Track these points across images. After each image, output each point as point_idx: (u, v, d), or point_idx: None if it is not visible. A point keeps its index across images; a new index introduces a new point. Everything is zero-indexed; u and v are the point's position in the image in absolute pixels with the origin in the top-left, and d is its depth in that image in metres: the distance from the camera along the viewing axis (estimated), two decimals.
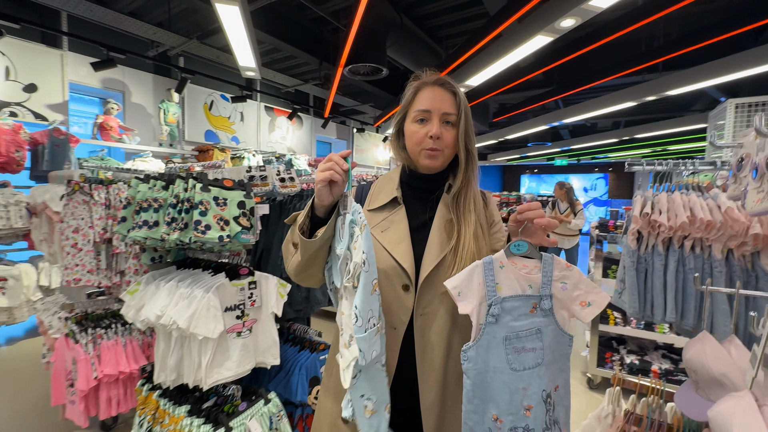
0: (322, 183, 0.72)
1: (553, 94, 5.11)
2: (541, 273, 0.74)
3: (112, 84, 4.62)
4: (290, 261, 0.84)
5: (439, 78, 0.85)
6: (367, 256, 0.68)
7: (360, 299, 0.67)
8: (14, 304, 3.33)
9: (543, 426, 0.71)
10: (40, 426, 2.18)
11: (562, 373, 0.75)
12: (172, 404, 1.59)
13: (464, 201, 0.84)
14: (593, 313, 0.73)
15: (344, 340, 0.73)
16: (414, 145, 0.85)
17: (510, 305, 0.74)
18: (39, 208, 2.27)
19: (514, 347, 0.72)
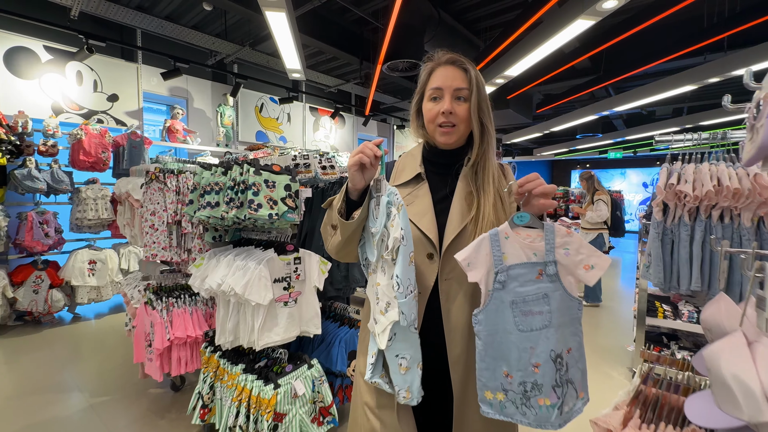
0: (355, 167, 0.80)
1: (600, 81, 4.86)
2: (544, 241, 0.78)
3: (177, 92, 5.17)
4: (330, 241, 0.92)
5: (450, 57, 0.90)
6: (404, 232, 0.76)
7: (400, 269, 0.76)
8: (101, 284, 3.89)
9: (553, 383, 0.75)
10: (122, 383, 2.57)
11: (574, 336, 0.79)
12: (230, 364, 1.83)
13: (483, 173, 0.89)
14: (596, 275, 0.77)
15: (380, 307, 0.81)
16: (429, 122, 0.91)
17: (516, 272, 0.79)
18: (123, 197, 2.66)
19: (521, 310, 0.78)
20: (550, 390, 0.75)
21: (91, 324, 3.80)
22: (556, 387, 0.76)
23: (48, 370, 2.76)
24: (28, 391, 2.47)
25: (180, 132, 4.85)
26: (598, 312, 4.31)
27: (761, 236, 0.96)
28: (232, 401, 1.67)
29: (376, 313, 0.83)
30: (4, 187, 3.56)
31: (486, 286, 0.80)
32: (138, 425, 2.12)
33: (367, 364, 0.85)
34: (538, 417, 0.76)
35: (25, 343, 3.26)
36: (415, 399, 0.81)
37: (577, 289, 0.80)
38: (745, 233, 0.96)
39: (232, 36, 4.87)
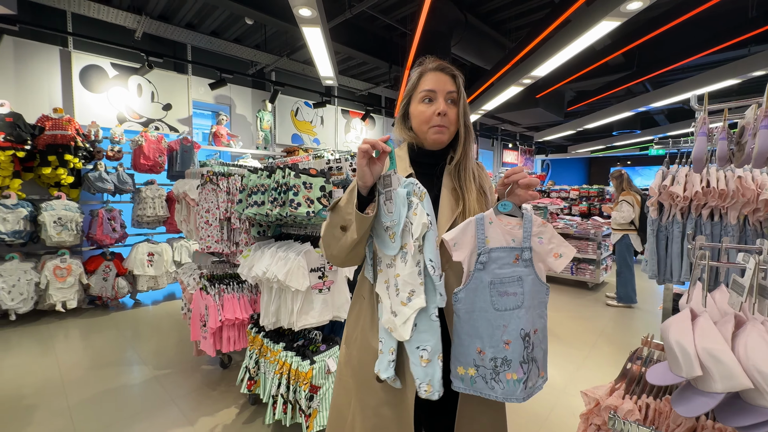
0: (363, 162, 0.81)
1: (634, 77, 4.73)
2: (522, 229, 0.86)
3: (221, 99, 5.62)
4: (337, 245, 0.89)
5: (440, 63, 0.96)
6: (431, 218, 0.80)
7: (433, 254, 0.80)
8: (158, 274, 4.37)
9: (520, 359, 0.82)
10: (178, 359, 2.93)
11: (540, 319, 0.87)
12: (272, 342, 2.09)
13: (464, 171, 0.97)
14: (563, 263, 0.86)
15: (401, 298, 0.82)
16: (422, 123, 0.94)
17: (496, 255, 0.86)
18: (180, 197, 3.03)
19: (498, 291, 0.85)
20: (517, 365, 0.82)
21: (149, 309, 4.28)
22: (522, 363, 0.82)
23: (117, 347, 3.20)
24: (102, 364, 2.89)
25: (224, 136, 5.28)
26: (631, 313, 4.25)
27: (745, 233, 1.04)
28: (275, 374, 1.93)
29: (396, 305, 0.84)
30: (78, 188, 4.10)
31: (468, 266, 0.87)
32: (194, 395, 2.45)
33: (386, 362, 0.86)
34: (505, 390, 0.83)
35: (97, 324, 3.76)
36: (436, 392, 0.81)
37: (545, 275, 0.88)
38: (730, 230, 1.04)
39: (270, 47, 5.23)
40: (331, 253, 0.93)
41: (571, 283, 5.52)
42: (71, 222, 3.79)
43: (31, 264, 3.69)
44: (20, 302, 3.54)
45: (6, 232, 3.45)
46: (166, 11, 4.46)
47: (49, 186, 3.92)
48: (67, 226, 3.76)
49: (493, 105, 5.40)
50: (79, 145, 3.80)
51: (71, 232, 3.79)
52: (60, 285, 3.74)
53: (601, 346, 3.32)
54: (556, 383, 2.64)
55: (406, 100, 1.00)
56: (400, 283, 0.83)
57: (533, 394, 0.85)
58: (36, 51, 4.04)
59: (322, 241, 0.95)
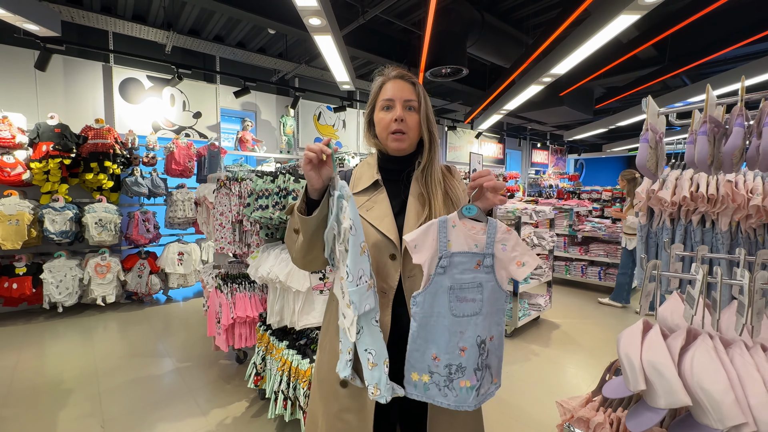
0: (307, 166, 0.82)
1: (666, 71, 4.44)
2: (486, 234, 0.84)
3: (247, 106, 5.88)
4: (294, 248, 0.92)
5: (399, 72, 0.99)
6: (353, 222, 0.77)
7: (351, 259, 0.77)
8: (187, 272, 4.64)
9: (475, 366, 0.81)
10: (199, 353, 3.11)
11: (497, 326, 0.85)
12: (277, 340, 2.17)
13: (430, 175, 0.98)
14: (526, 272, 0.84)
15: (346, 301, 0.81)
16: (382, 130, 0.97)
17: (458, 260, 0.84)
18: (201, 200, 3.23)
19: (457, 296, 0.83)
20: (471, 373, 0.81)
21: (180, 305, 4.55)
22: (477, 370, 0.81)
23: (147, 339, 3.45)
24: (133, 354, 3.12)
25: (249, 142, 5.52)
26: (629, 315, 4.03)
27: (737, 240, 0.97)
28: (278, 370, 2.01)
29: (343, 308, 0.84)
30: (118, 192, 4.45)
31: (428, 270, 0.85)
32: (210, 387, 2.59)
33: (344, 361, 0.85)
34: (458, 398, 0.82)
35: (132, 317, 4.06)
36: (383, 396, 0.81)
37: (507, 283, 0.87)
38: (719, 238, 0.97)
39: (292, 55, 5.41)
40: (292, 256, 0.95)
41: (600, 289, 5.26)
42: (110, 223, 4.12)
43: (76, 261, 4.05)
44: (66, 296, 3.90)
45: (55, 232, 3.82)
46: (196, 26, 4.74)
47: (92, 190, 4.29)
48: (107, 227, 4.10)
49: (514, 104, 5.26)
50: (118, 153, 4.13)
51: (110, 232, 4.12)
52: (100, 281, 4.08)
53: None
54: (574, 391, 2.55)
55: (370, 108, 1.02)
56: (344, 286, 0.83)
57: (484, 401, 0.85)
58: (81, 67, 4.44)
59: (285, 241, 0.97)
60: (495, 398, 2.46)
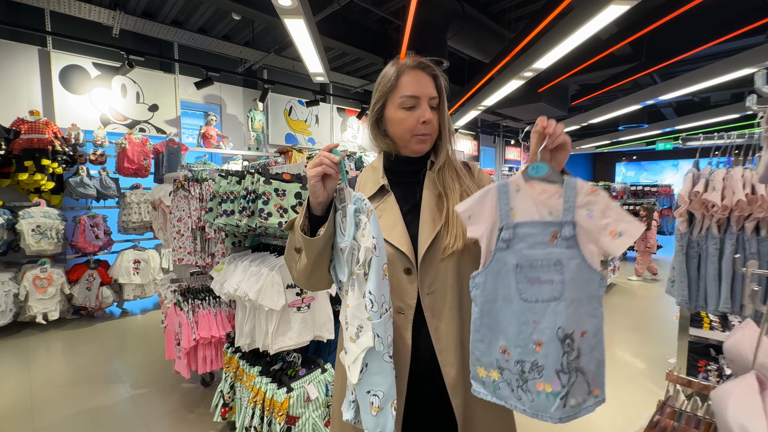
0: (315, 179, 0.72)
1: (643, 68, 4.48)
2: (562, 198, 0.66)
3: (211, 99, 5.43)
4: (296, 267, 0.82)
5: (421, 61, 0.84)
6: (376, 241, 0.67)
7: (374, 284, 0.67)
8: (145, 282, 4.19)
9: (557, 367, 0.64)
10: (159, 376, 2.75)
11: (591, 318, 0.66)
12: (248, 365, 1.89)
13: (448, 174, 0.86)
14: (624, 244, 0.63)
15: (350, 333, 0.71)
16: (405, 131, 0.84)
17: (524, 231, 0.68)
18: (156, 203, 2.84)
19: (526, 276, 0.67)
20: (552, 375, 0.64)
21: (137, 319, 4.10)
22: (561, 373, 0.64)
23: (97, 362, 3.02)
24: (79, 381, 2.71)
25: (214, 138, 5.09)
26: (643, 317, 4.02)
27: None
28: (248, 402, 1.73)
29: (346, 341, 0.73)
30: (60, 194, 3.93)
31: (488, 245, 0.70)
32: (170, 418, 2.26)
33: (347, 402, 0.75)
34: (534, 404, 0.66)
35: (80, 336, 3.59)
36: None
37: (599, 260, 0.66)
38: None
39: (260, 44, 5.03)
40: (294, 276, 0.85)
41: None
42: (51, 230, 3.61)
43: (9, 274, 3.53)
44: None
45: None
46: (150, 7, 4.26)
47: (29, 192, 3.75)
48: (47, 234, 3.59)
49: (493, 100, 5.17)
50: (58, 149, 3.62)
51: (51, 240, 3.62)
52: (40, 296, 3.57)
53: (612, 354, 3.10)
54: None
55: (381, 102, 0.85)
56: (349, 315, 0.72)
57: (578, 416, 0.65)
58: (12, 51, 3.86)
59: (285, 260, 0.87)
60: None
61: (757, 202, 0.85)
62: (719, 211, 0.89)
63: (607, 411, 2.31)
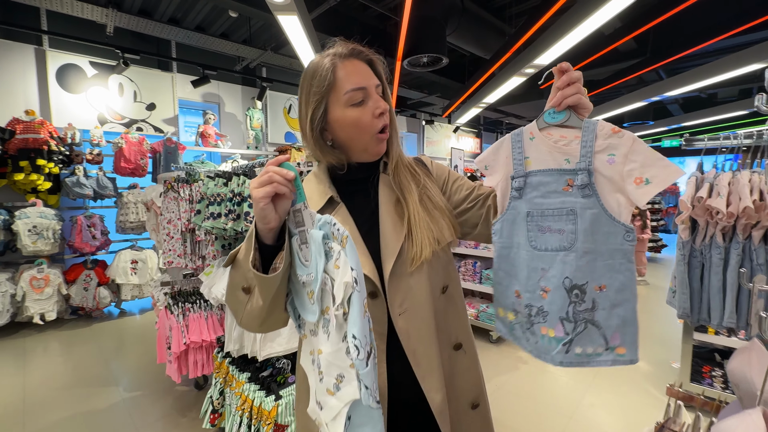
0: (264, 201, 0.57)
1: (647, 63, 4.37)
2: (580, 144, 0.61)
3: (209, 97, 5.39)
4: (245, 312, 0.66)
5: (353, 48, 0.72)
6: (356, 273, 0.57)
7: (357, 326, 0.56)
8: (143, 282, 4.17)
9: (561, 315, 0.64)
10: (152, 378, 2.72)
11: (613, 272, 0.61)
12: (238, 371, 1.85)
13: (403, 174, 0.77)
14: (650, 192, 0.57)
15: (326, 385, 0.59)
16: (362, 132, 0.72)
17: (537, 180, 0.66)
18: (149, 204, 2.81)
19: (537, 225, 0.66)
20: (556, 321, 0.64)
21: (136, 319, 4.09)
22: (565, 321, 0.64)
23: (93, 363, 3.01)
24: (73, 383, 2.69)
25: (212, 136, 5.05)
26: (648, 317, 3.94)
27: None
28: (236, 410, 1.69)
29: (322, 394, 0.60)
30: (57, 194, 3.91)
31: (503, 194, 0.71)
32: (162, 422, 2.23)
33: None
34: (537, 346, 0.68)
35: (77, 336, 3.58)
36: None
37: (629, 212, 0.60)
38: None
39: (257, 41, 4.97)
40: (240, 321, 0.68)
41: None
42: (47, 230, 3.60)
43: (6, 275, 3.52)
44: None
45: None
46: (147, 5, 4.22)
47: (26, 192, 3.74)
48: (43, 235, 3.58)
49: (494, 97, 5.07)
50: (53, 149, 3.60)
51: (48, 240, 3.60)
52: (37, 296, 3.56)
53: None
54: (566, 403, 2.37)
55: (321, 106, 0.71)
56: (323, 362, 0.59)
57: (585, 365, 0.64)
58: (8, 50, 3.84)
59: (226, 303, 0.71)
60: None
61: (766, 209, 0.79)
62: (724, 219, 0.83)
63: (608, 416, 2.25)
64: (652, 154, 0.57)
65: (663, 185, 0.56)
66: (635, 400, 2.43)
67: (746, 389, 0.63)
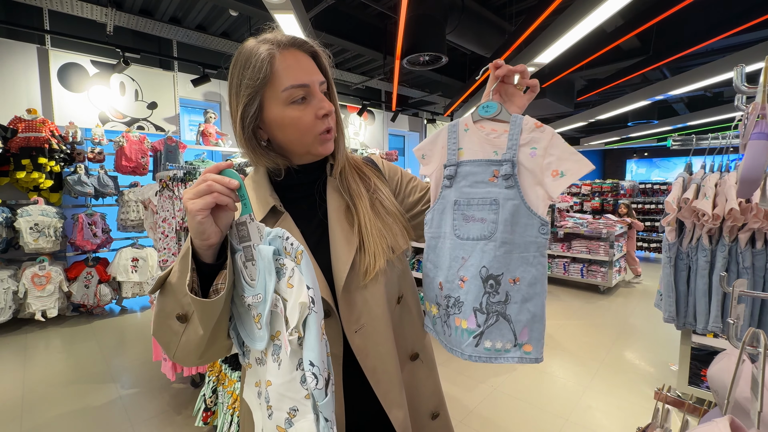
0: (203, 213, 0.50)
1: (651, 62, 4.32)
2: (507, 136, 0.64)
3: (211, 96, 5.41)
4: (180, 344, 0.57)
5: (295, 38, 0.64)
6: (313, 293, 0.51)
7: (315, 352, 0.49)
8: (143, 280, 4.20)
9: (475, 305, 0.63)
10: (150, 376, 2.75)
11: (526, 266, 0.62)
12: (230, 369, 1.85)
13: (351, 177, 0.72)
14: (563, 184, 0.59)
15: (277, 421, 0.52)
16: (303, 133, 0.65)
17: (466, 170, 0.67)
18: (146, 203, 2.83)
19: (462, 214, 0.67)
20: (470, 312, 0.64)
21: (136, 316, 4.12)
22: (478, 312, 0.64)
23: (92, 360, 3.03)
24: (72, 379, 2.72)
25: (213, 135, 5.07)
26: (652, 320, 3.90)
27: None
28: (227, 408, 1.70)
29: (270, 430, 0.54)
30: (59, 192, 3.95)
31: (436, 183, 0.72)
32: (157, 420, 2.24)
33: None
34: (450, 339, 0.68)
35: (78, 333, 3.61)
36: None
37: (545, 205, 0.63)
38: None
39: None
40: (174, 355, 0.58)
41: (581, 286, 5.16)
42: (49, 228, 3.63)
43: (9, 272, 3.56)
44: None
45: None
46: (147, 5, 4.24)
47: (28, 190, 3.78)
48: (45, 232, 3.61)
49: None
50: (55, 148, 3.63)
51: (49, 238, 3.64)
52: (39, 293, 3.60)
53: (613, 359, 3.00)
54: (563, 405, 2.35)
55: (255, 103, 0.62)
56: (272, 395, 0.52)
57: (494, 361, 0.63)
58: (11, 49, 3.87)
59: (154, 336, 0.60)
60: (480, 420, 2.23)
61: (752, 212, 0.77)
62: (710, 221, 0.81)
63: (605, 418, 2.23)
64: (567, 148, 0.60)
65: (575, 177, 0.59)
66: (633, 403, 2.41)
67: (724, 396, 0.62)
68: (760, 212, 0.76)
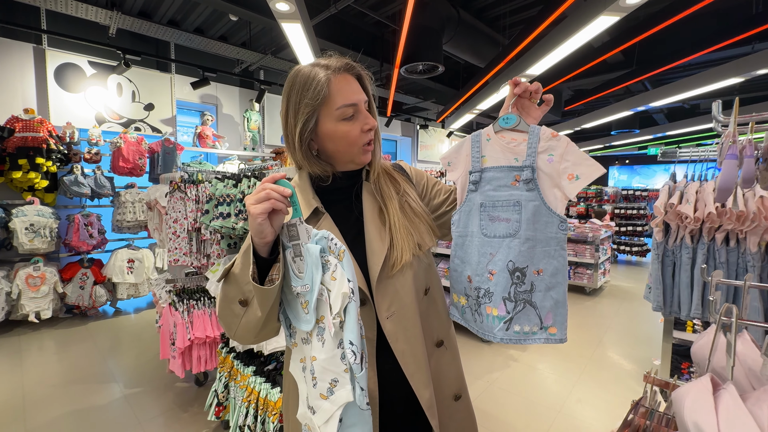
0: (262, 216, 0.60)
1: (634, 75, 4.57)
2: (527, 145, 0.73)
3: (207, 99, 5.43)
4: (240, 324, 0.68)
5: (347, 63, 0.76)
6: (353, 285, 0.61)
7: (354, 334, 0.60)
8: (139, 281, 4.19)
9: (504, 294, 0.72)
10: (152, 375, 2.77)
11: (549, 258, 0.71)
12: (242, 365, 1.92)
13: (384, 182, 0.82)
14: (579, 186, 0.68)
15: (319, 390, 0.63)
16: (350, 145, 0.76)
17: (490, 175, 0.76)
18: (152, 204, 2.86)
19: (488, 215, 0.75)
20: (499, 300, 0.73)
21: (131, 318, 4.10)
22: (507, 300, 0.73)
23: (90, 361, 3.03)
24: (72, 380, 2.72)
25: (209, 137, 5.09)
26: (632, 319, 4.10)
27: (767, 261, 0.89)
28: (242, 401, 1.77)
29: (314, 399, 0.63)
30: (54, 192, 3.92)
31: (462, 187, 0.81)
32: (164, 417, 2.28)
33: None
34: (483, 325, 0.77)
35: (73, 335, 3.58)
36: None
37: (563, 204, 0.72)
38: (750, 258, 0.89)
39: (257, 45, 5.04)
40: (235, 334, 0.69)
41: (568, 288, 5.35)
42: (44, 228, 3.61)
43: (2, 272, 3.51)
44: None
45: None
46: (147, 7, 4.26)
47: (23, 190, 3.74)
48: (40, 233, 3.58)
49: (488, 104, 5.23)
50: (52, 148, 3.62)
51: (44, 239, 3.61)
52: (33, 294, 3.56)
53: (600, 356, 3.17)
54: (555, 399, 2.49)
55: (313, 119, 0.73)
56: (317, 369, 0.62)
57: (523, 342, 0.73)
58: (7, 48, 3.85)
59: (219, 318, 0.71)
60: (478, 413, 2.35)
61: (726, 215, 0.91)
62: (692, 223, 0.95)
63: (593, 411, 2.38)
64: (581, 154, 0.69)
65: (589, 180, 0.68)
66: (619, 395, 2.56)
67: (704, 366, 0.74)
68: (732, 215, 0.90)
